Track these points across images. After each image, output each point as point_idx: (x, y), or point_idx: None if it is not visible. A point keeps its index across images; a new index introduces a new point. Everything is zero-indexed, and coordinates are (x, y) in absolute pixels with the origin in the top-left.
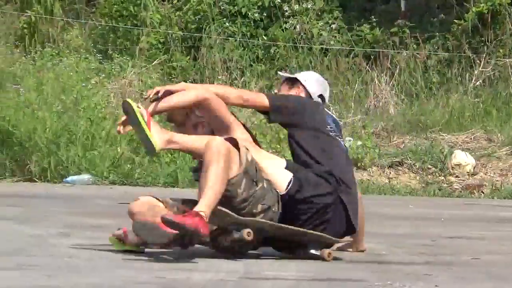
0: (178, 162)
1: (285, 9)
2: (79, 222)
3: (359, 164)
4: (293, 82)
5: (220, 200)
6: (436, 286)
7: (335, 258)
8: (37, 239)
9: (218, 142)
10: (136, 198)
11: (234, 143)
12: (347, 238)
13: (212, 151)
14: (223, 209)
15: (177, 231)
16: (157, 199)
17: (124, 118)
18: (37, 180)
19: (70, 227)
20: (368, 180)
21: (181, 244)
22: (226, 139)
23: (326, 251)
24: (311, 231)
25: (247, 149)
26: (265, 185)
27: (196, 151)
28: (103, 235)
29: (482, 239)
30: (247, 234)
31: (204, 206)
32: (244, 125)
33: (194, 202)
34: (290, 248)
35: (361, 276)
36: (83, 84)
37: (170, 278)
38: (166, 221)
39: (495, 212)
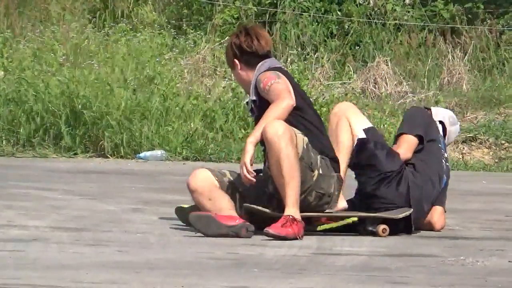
0: None
1: None
2: (152, 198)
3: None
4: None
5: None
6: (509, 261)
7: (408, 233)
8: (111, 215)
9: (281, 127)
10: (193, 172)
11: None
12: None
13: (279, 137)
14: (260, 208)
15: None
16: (211, 172)
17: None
18: (110, 156)
19: (143, 203)
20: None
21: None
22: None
23: (381, 226)
24: (369, 214)
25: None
26: (320, 171)
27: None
28: None
29: None
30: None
31: (292, 207)
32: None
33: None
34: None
35: (433, 251)
36: (157, 60)
37: (243, 254)
38: (268, 235)
39: None
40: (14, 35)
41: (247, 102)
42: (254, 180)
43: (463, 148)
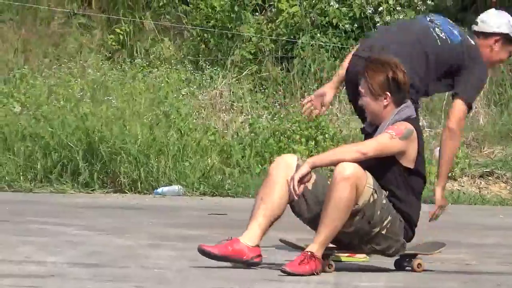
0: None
1: (376, 20)
2: (170, 233)
3: (449, 175)
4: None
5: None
6: None
7: (425, 269)
8: (128, 250)
9: (350, 169)
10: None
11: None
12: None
13: (343, 177)
14: (294, 243)
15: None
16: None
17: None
18: (127, 191)
19: (160, 238)
20: (459, 190)
21: None
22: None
23: (416, 262)
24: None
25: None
26: (384, 231)
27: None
28: (194, 246)
29: None
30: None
31: (318, 245)
32: None
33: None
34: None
35: (451, 286)
36: (174, 95)
37: None
38: (284, 272)
39: None
40: (31, 70)
41: (363, 128)
42: (297, 196)
43: (480, 183)
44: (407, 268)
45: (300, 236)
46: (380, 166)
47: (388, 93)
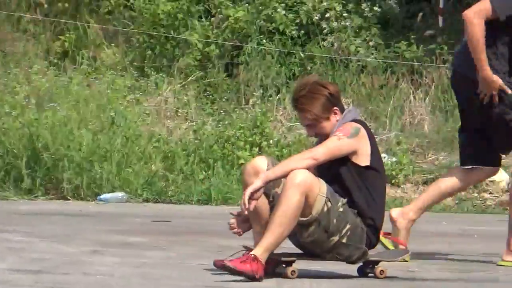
0: (212, 179)
1: (323, 26)
2: (113, 240)
3: (393, 181)
4: None
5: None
6: None
7: (387, 276)
8: (71, 257)
9: (300, 177)
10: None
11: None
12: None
13: (293, 184)
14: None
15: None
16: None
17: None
18: (70, 198)
19: (103, 245)
20: (402, 197)
21: None
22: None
23: (378, 269)
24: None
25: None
26: (344, 240)
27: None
28: (137, 253)
29: None
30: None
31: (262, 249)
32: None
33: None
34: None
35: None
36: (119, 102)
37: None
38: (225, 268)
39: None
40: None
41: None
42: (247, 210)
43: (424, 189)
44: (370, 274)
45: None
46: (336, 172)
47: (334, 107)
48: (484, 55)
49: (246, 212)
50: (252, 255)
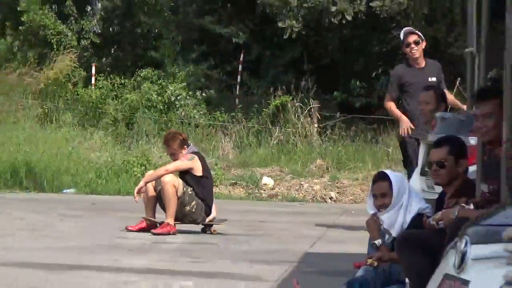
0: None
1: None
2: None
3: None
4: None
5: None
6: None
7: (218, 233)
8: None
9: (169, 177)
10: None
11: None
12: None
13: (166, 182)
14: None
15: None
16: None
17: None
18: None
19: None
20: None
21: None
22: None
23: (212, 228)
24: None
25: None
26: (192, 208)
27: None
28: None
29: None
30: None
31: (170, 218)
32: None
33: None
34: None
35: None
36: None
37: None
38: (155, 234)
39: (276, 208)
40: None
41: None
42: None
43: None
44: (207, 232)
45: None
46: (186, 177)
47: (185, 146)
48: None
49: (136, 199)
50: (167, 222)
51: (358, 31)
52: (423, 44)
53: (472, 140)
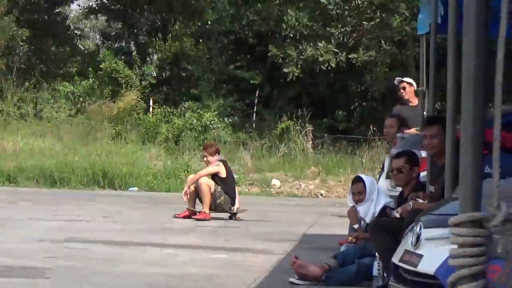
0: None
1: None
2: None
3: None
4: None
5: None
6: None
7: (241, 219)
8: None
9: (203, 179)
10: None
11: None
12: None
13: (201, 183)
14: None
15: None
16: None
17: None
18: None
19: None
20: None
21: None
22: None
23: (237, 215)
24: None
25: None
26: (221, 200)
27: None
28: None
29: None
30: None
31: (206, 208)
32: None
33: None
34: None
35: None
36: None
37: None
38: (197, 219)
39: (282, 202)
40: None
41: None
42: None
43: None
44: (233, 218)
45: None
46: (216, 178)
47: (217, 154)
48: None
49: (184, 199)
50: (203, 211)
51: (341, 75)
52: (412, 88)
53: (423, 153)
